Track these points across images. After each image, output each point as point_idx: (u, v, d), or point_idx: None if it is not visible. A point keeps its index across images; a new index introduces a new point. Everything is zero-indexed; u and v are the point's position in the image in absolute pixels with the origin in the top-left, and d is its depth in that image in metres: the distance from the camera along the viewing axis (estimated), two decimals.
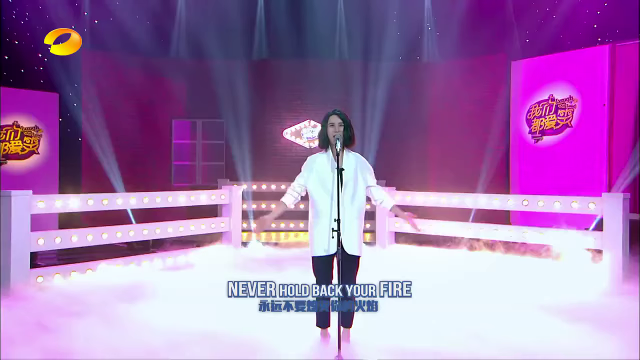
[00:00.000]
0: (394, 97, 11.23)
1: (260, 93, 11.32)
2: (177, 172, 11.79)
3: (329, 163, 3.81)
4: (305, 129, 11.72)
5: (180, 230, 7.20)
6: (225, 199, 7.88)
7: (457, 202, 7.43)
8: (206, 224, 7.57)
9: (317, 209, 3.79)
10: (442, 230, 7.50)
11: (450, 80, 11.02)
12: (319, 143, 3.91)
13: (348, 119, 3.87)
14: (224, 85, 11.04)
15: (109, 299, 5.01)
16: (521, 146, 10.00)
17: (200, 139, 11.85)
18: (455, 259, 7.14)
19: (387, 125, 11.28)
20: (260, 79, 11.33)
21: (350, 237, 3.73)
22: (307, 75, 11.46)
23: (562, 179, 9.24)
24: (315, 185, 3.79)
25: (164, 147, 11.60)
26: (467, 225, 7.41)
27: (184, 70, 11.29)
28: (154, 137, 11.31)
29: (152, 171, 11.26)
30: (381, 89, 11.04)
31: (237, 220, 7.93)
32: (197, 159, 11.82)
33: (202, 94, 11.44)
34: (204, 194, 7.59)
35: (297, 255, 7.38)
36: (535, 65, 9.84)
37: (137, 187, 9.15)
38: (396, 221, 8.00)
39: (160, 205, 6.99)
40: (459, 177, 10.46)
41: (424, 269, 6.59)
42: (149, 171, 11.19)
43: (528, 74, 9.96)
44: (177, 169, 11.81)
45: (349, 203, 3.76)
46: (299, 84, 11.54)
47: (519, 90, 10.09)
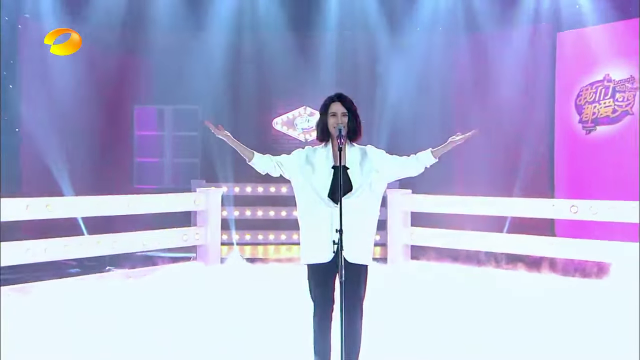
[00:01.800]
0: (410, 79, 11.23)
1: (244, 73, 11.32)
2: (140, 171, 11.78)
3: (329, 160, 3.79)
4: (300, 118, 11.71)
5: (143, 244, 7.22)
6: (200, 205, 7.88)
7: (489, 208, 7.43)
8: (176, 236, 7.58)
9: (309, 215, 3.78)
10: (470, 243, 7.52)
11: (479, 57, 11.03)
12: (317, 135, 3.92)
13: (354, 107, 3.85)
14: (198, 63, 11.03)
15: (37, 334, 4.97)
16: (569, 138, 10.00)
17: (169, 130, 11.83)
18: (490, 281, 7.14)
19: (401, 112, 11.28)
20: (245, 55, 11.35)
21: (355, 242, 3.70)
22: (303, 50, 11.47)
23: (620, 180, 9.21)
24: (306, 185, 3.77)
25: (123, 140, 11.59)
26: (502, 237, 7.41)
27: (149, 44, 11.29)
28: (111, 128, 11.30)
29: (109, 170, 11.25)
30: (394, 67, 11.04)
31: (214, 231, 7.94)
32: (166, 155, 11.81)
33: (171, 74, 11.43)
34: (174, 199, 7.58)
35: (289, 274, 7.39)
36: (588, 38, 9.82)
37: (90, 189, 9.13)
38: (412, 231, 8.00)
39: (118, 212, 6.98)
40: (490, 177, 10.47)
41: (453, 296, 6.53)
42: (105, 170, 11.17)
43: (578, 49, 9.94)
44: (140, 168, 11.79)
45: (356, 213, 3.73)
46: (293, 61, 11.54)
47: (567, 69, 10.08)
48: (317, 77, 11.60)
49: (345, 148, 3.80)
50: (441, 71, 11.30)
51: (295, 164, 3.86)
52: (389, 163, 3.88)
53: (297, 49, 11.50)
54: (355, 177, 3.76)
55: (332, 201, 3.68)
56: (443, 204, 7.84)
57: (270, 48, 11.43)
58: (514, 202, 7.37)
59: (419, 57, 11.27)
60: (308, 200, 3.77)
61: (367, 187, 3.78)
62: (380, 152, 3.89)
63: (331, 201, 3.68)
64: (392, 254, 8.09)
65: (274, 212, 10.43)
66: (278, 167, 3.88)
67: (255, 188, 10.39)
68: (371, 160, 3.83)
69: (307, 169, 3.80)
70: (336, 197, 3.61)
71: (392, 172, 3.89)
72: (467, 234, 7.56)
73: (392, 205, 8.12)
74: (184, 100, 11.50)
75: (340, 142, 3.64)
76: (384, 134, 11.00)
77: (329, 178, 3.74)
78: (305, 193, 3.78)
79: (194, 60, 11.05)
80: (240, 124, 11.15)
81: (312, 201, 3.75)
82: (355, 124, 3.83)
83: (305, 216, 3.80)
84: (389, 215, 8.11)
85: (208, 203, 7.91)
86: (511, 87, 10.90)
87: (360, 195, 3.75)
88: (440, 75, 11.32)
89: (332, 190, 3.70)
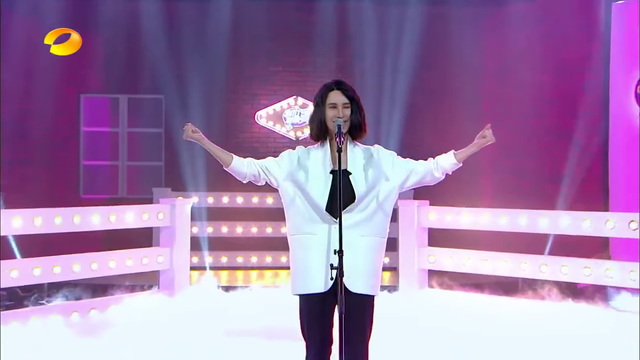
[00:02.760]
0: (427, 62, 11.25)
1: (219, 53, 11.34)
2: (89, 176, 11.75)
3: (327, 164, 3.79)
4: (289, 110, 11.71)
5: (92, 269, 7.18)
6: (164, 220, 7.87)
7: (526, 224, 7.44)
8: (134, 259, 7.56)
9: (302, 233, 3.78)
10: (503, 268, 7.50)
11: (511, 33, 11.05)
12: (310, 132, 3.92)
13: (357, 96, 3.86)
14: (162, 42, 11.02)
15: None
16: (627, 136, 10.00)
17: (124, 126, 11.81)
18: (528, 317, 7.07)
19: (415, 104, 11.29)
20: (220, 30, 11.34)
21: (358, 266, 3.71)
22: (294, 22, 11.48)
23: None
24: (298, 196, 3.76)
25: (67, 138, 11.58)
26: (542, 260, 7.41)
27: (98, 17, 11.27)
28: (53, 123, 11.31)
29: (50, 175, 11.23)
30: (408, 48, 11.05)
31: (182, 252, 7.91)
32: (121, 157, 11.78)
33: (128, 55, 11.41)
34: (131, 212, 7.56)
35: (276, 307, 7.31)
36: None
37: (25, 200, 9.09)
38: (430, 254, 8.00)
39: (61, 229, 6.96)
40: (527, 185, 10.47)
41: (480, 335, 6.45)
42: (44, 175, 11.15)
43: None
44: (88, 173, 11.76)
45: (359, 229, 3.72)
46: (281, 39, 11.54)
47: (625, 49, 10.09)
48: (312, 59, 11.62)
49: (347, 148, 3.80)
50: (466, 53, 11.32)
51: (284, 168, 3.85)
52: (402, 168, 3.88)
53: (286, 21, 11.52)
54: (359, 184, 3.76)
55: (331, 216, 3.67)
56: (468, 218, 7.83)
57: (251, 20, 11.44)
58: (558, 216, 7.37)
59: (440, 34, 11.29)
60: (300, 214, 3.77)
61: (373, 198, 3.78)
62: (390, 153, 3.89)
63: (330, 216, 3.68)
64: (405, 280, 8.10)
65: (257, 228, 10.44)
66: (263, 173, 3.88)
67: (234, 198, 10.38)
68: (379, 164, 3.83)
69: (300, 175, 3.80)
70: (336, 211, 3.62)
71: (405, 179, 3.89)
72: (499, 256, 7.56)
73: (404, 220, 8.12)
74: (144, 87, 11.50)
75: (340, 141, 3.64)
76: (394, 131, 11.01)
77: (327, 186, 3.74)
78: (297, 205, 3.78)
79: (156, 37, 11.05)
80: (214, 119, 11.15)
81: (305, 215, 3.75)
82: (359, 118, 3.83)
83: (297, 234, 3.79)
84: (401, 232, 8.11)
85: (174, 217, 7.89)
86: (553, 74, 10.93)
87: (366, 207, 3.75)
88: (464, 58, 11.35)
89: (331, 202, 3.70)
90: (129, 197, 11.25)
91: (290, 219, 3.83)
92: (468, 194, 10.52)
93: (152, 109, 11.69)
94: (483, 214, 7.78)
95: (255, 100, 11.71)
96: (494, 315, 7.23)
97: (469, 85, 11.34)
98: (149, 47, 11.11)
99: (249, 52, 11.52)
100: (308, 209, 3.75)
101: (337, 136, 3.68)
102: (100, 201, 10.59)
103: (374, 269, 3.77)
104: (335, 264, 3.51)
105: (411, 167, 3.91)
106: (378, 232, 3.79)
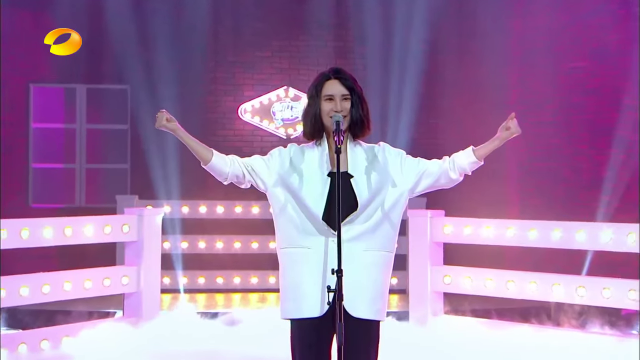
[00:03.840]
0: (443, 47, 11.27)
1: (196, 35, 11.35)
2: (40, 182, 11.73)
3: (323, 166, 3.81)
4: (279, 103, 11.73)
5: (43, 293, 7.16)
6: (130, 233, 7.85)
7: (560, 238, 7.45)
8: (94, 280, 7.54)
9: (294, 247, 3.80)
10: (532, 290, 7.51)
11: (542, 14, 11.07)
12: (304, 130, 3.95)
13: (358, 87, 3.88)
14: (128, 21, 11.02)
15: None
16: None
17: (82, 121, 11.82)
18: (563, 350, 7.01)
19: (428, 96, 11.30)
20: (197, 9, 11.37)
21: (360, 288, 3.73)
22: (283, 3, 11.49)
23: None
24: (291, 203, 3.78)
25: (13, 136, 11.57)
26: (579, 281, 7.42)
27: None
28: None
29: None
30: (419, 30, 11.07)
31: (152, 271, 7.91)
32: (79, 159, 11.78)
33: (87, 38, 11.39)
34: (91, 225, 7.56)
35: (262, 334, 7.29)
36: None
37: None
38: (446, 273, 8.00)
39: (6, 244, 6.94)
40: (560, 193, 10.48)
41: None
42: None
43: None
44: (38, 178, 11.75)
45: (362, 243, 3.74)
46: (269, 19, 11.55)
47: None
48: (306, 43, 11.63)
49: (347, 147, 3.82)
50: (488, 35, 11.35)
51: (274, 170, 3.87)
52: (412, 169, 3.89)
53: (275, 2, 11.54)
54: (362, 189, 3.78)
55: (329, 226, 3.69)
56: (491, 231, 7.83)
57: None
58: (597, 229, 7.37)
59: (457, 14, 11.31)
60: (292, 224, 3.78)
61: (378, 205, 3.80)
62: (398, 152, 3.92)
63: (327, 226, 3.70)
64: (415, 305, 8.06)
65: (240, 243, 10.44)
66: (248, 174, 3.89)
67: (213, 208, 10.38)
68: (385, 166, 3.85)
69: (293, 178, 3.82)
70: (334, 221, 3.62)
71: (416, 183, 3.90)
72: (527, 276, 7.55)
73: (415, 233, 8.11)
74: (106, 76, 11.50)
75: (339, 140, 3.65)
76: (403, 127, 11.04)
77: (325, 192, 3.76)
78: (289, 214, 3.79)
79: (121, 16, 11.05)
80: (189, 113, 11.14)
81: (298, 226, 3.77)
82: (360, 112, 3.85)
83: (288, 248, 3.81)
84: (411, 247, 8.09)
85: (142, 230, 7.88)
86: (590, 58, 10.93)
87: (370, 216, 3.77)
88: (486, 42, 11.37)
89: (328, 210, 3.71)
90: (87, 207, 11.26)
91: (280, 229, 3.84)
92: (491, 203, 10.54)
93: (115, 101, 11.71)
94: (508, 226, 7.77)
95: (238, 91, 11.73)
96: (521, 348, 7.17)
97: (492, 73, 11.33)
98: (112, 28, 11.10)
99: (231, 35, 11.54)
100: (302, 219, 3.77)
101: (335, 134, 3.69)
102: (53, 211, 10.54)
103: (380, 290, 3.78)
104: (333, 285, 3.52)
105: (423, 167, 3.91)
106: (384, 246, 3.81)
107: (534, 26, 11.26)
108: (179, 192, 10.67)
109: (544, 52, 11.19)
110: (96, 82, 11.62)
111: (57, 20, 11.24)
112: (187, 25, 11.29)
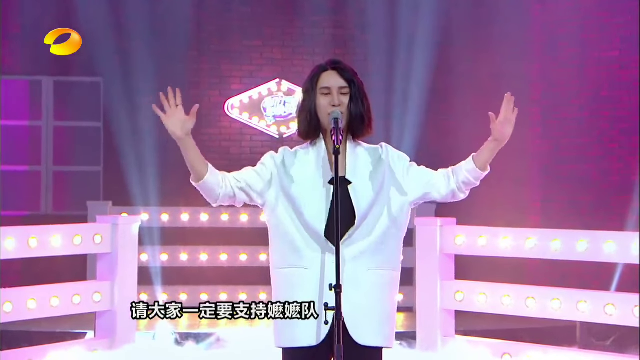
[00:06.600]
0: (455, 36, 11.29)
1: (177, 22, 11.35)
2: (2, 187, 11.71)
3: (321, 171, 3.79)
4: (271, 98, 11.73)
5: (5, 311, 7.14)
6: (103, 244, 7.84)
7: (586, 249, 7.43)
8: (62, 297, 7.52)
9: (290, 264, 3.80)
10: (555, 308, 7.49)
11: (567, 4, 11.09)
12: (298, 128, 3.96)
13: (358, 79, 3.88)
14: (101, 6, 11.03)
15: None
16: None
17: (50, 118, 11.80)
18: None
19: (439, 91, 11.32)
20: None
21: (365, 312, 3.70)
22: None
23: None
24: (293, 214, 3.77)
25: None
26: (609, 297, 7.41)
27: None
28: None
29: None
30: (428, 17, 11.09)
31: (127, 287, 7.88)
32: (45, 160, 11.77)
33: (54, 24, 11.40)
34: (59, 235, 7.54)
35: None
36: None
37: None
38: (458, 289, 7.99)
39: None
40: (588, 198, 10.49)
41: None
42: None
43: None
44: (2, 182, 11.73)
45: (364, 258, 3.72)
46: (260, 4, 11.57)
47: None
48: (301, 31, 11.65)
49: (346, 148, 3.80)
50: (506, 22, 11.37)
51: (267, 181, 3.92)
52: (418, 180, 3.91)
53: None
54: (361, 197, 3.78)
55: (331, 243, 3.66)
56: (508, 242, 7.81)
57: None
58: (629, 239, 7.37)
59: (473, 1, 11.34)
60: (289, 241, 3.77)
61: (381, 217, 3.77)
62: (401, 156, 3.91)
63: (328, 243, 3.68)
64: (424, 325, 8.04)
65: (227, 255, 10.43)
66: (241, 192, 3.89)
67: (196, 216, 10.38)
68: (390, 170, 3.84)
69: (292, 188, 3.87)
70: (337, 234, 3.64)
71: (420, 197, 3.92)
72: (550, 292, 7.55)
73: (423, 244, 8.09)
74: (76, 67, 11.49)
75: (337, 140, 3.64)
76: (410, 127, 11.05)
77: (323, 200, 3.75)
78: (287, 230, 3.78)
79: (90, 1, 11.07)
80: None
81: (294, 243, 3.76)
82: (361, 108, 3.86)
83: (283, 268, 3.80)
84: (419, 260, 8.06)
85: (116, 241, 7.87)
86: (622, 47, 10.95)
87: (372, 229, 3.77)
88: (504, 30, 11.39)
89: (331, 225, 3.68)
90: (55, 214, 11.24)
91: (275, 246, 3.82)
92: (508, 210, 10.56)
93: (86, 95, 11.71)
94: (529, 236, 7.73)
95: (224, 84, 11.73)
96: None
97: (511, 65, 11.34)
98: (82, 13, 11.10)
99: (216, 21, 11.55)
100: (300, 235, 3.76)
101: (332, 133, 3.68)
102: (16, 220, 10.56)
103: (387, 313, 3.80)
104: (331, 303, 3.50)
105: (429, 180, 3.91)
106: (390, 264, 3.82)
107: (556, 11, 11.26)
108: (157, 198, 10.67)
109: (568, 40, 11.20)
110: (65, 74, 11.61)
111: (23, 6, 11.26)
112: (166, 10, 11.31)
